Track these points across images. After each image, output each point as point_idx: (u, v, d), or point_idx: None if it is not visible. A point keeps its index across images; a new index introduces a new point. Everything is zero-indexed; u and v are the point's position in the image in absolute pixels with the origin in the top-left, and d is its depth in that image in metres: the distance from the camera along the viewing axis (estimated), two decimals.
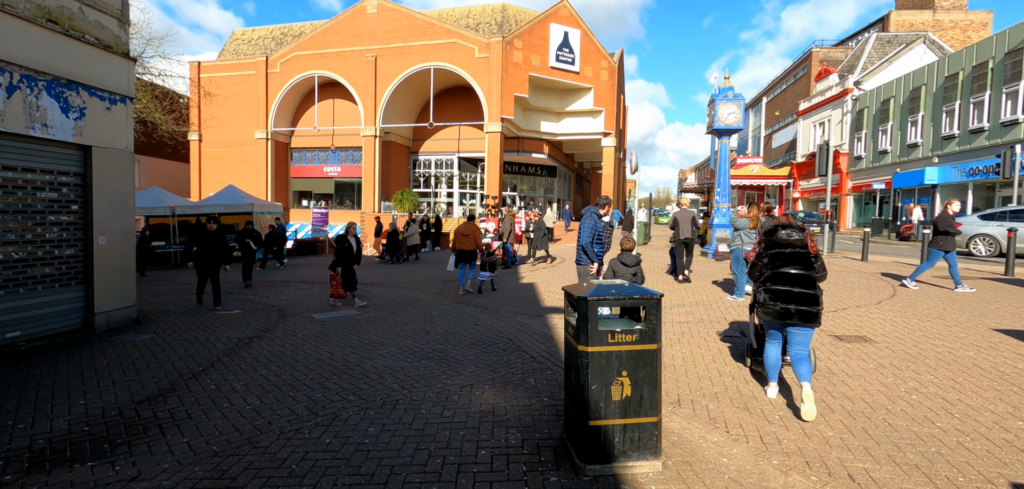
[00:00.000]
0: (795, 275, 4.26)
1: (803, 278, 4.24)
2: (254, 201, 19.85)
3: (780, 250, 4.39)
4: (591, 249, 6.26)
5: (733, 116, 14.97)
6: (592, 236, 6.20)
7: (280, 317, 8.58)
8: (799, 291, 4.21)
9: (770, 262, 4.45)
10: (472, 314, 8.40)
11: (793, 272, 4.27)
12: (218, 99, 35.89)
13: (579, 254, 6.49)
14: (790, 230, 4.45)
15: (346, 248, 9.64)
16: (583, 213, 6.48)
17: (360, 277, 13.48)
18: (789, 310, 4.19)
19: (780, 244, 4.42)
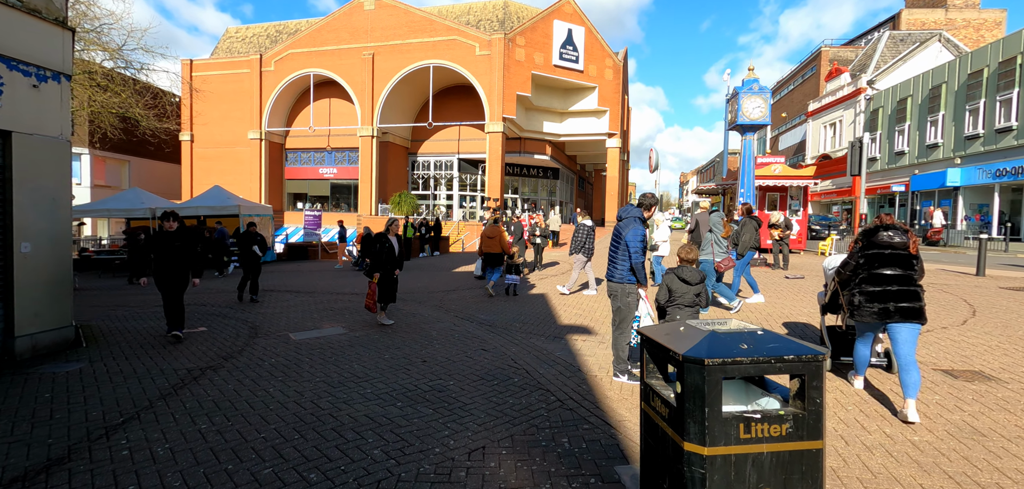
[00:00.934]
0: (891, 275, 4.11)
1: (901, 277, 4.11)
2: (241, 203, 18.44)
3: (879, 251, 4.20)
4: (642, 267, 4.81)
5: (759, 110, 13.62)
6: (643, 247, 4.79)
7: (250, 337, 7.17)
8: (897, 288, 4.07)
9: (867, 263, 4.24)
10: (478, 334, 7.00)
11: (889, 272, 4.12)
12: (211, 98, 34.51)
13: (619, 271, 4.96)
14: (892, 232, 4.19)
15: (386, 249, 7.58)
16: (621, 215, 5.06)
17: (343, 287, 12.07)
18: (888, 309, 4.05)
19: (880, 245, 4.20)
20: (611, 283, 5.04)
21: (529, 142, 32.80)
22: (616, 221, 5.15)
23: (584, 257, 10.37)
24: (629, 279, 4.86)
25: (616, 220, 5.15)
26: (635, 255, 4.76)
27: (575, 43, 30.70)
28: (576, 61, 30.75)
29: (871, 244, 4.26)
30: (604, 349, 6.15)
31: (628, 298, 4.88)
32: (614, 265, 5.00)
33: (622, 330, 4.97)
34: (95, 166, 33.44)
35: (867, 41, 39.00)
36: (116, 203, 18.21)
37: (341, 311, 8.95)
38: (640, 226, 4.86)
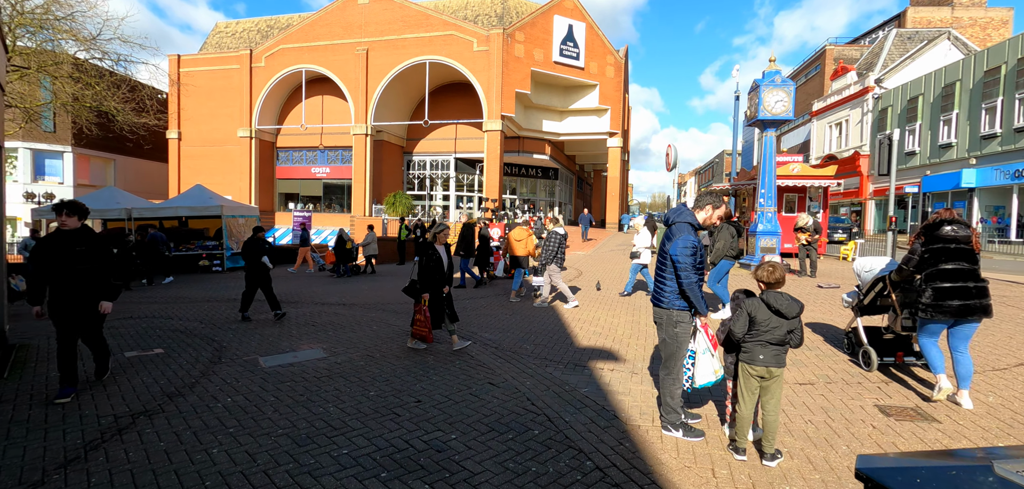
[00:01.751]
0: (968, 270, 4.11)
1: (975, 273, 4.13)
2: (224, 203, 17.16)
3: (945, 245, 4.19)
4: (696, 289, 3.59)
5: (781, 104, 12.52)
6: (697, 262, 3.62)
7: (212, 363, 5.97)
8: (974, 285, 4.09)
9: (932, 258, 4.23)
10: (482, 360, 5.83)
11: (966, 267, 4.12)
12: (199, 95, 33.20)
13: (667, 294, 3.73)
14: (956, 226, 4.20)
15: (434, 261, 6.13)
16: (670, 219, 3.88)
17: (330, 295, 10.84)
18: (970, 306, 4.05)
19: (945, 239, 4.20)
20: (657, 309, 3.83)
21: (528, 141, 31.66)
22: (664, 225, 3.99)
23: (557, 268, 9.29)
24: (679, 305, 3.70)
25: (664, 224, 3.99)
26: (685, 275, 3.59)
27: (576, 39, 29.59)
28: (577, 58, 29.64)
29: (934, 239, 4.23)
30: (640, 384, 4.99)
31: (677, 329, 3.72)
32: (661, 285, 3.81)
33: (671, 370, 3.80)
34: (78, 165, 32.05)
35: (872, 40, 38.10)
36: (90, 202, 16.83)
37: (324, 327, 7.75)
38: (691, 234, 3.70)
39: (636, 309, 8.74)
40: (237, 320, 8.45)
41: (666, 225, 3.89)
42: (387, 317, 8.53)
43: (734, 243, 7.87)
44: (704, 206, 3.86)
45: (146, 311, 9.45)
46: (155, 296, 11.48)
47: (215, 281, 14.21)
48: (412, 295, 6.32)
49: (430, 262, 6.16)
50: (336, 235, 15.69)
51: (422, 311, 6.08)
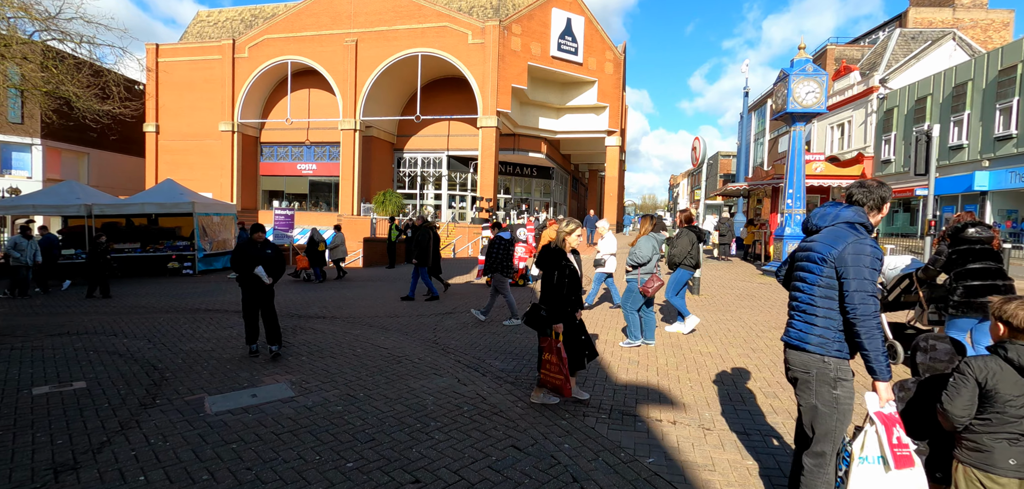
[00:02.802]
0: (995, 269, 4.27)
1: (1003, 272, 4.30)
2: (196, 199, 15.56)
3: (970, 247, 4.35)
4: (875, 337, 2.18)
5: (813, 96, 11.29)
6: (875, 295, 2.22)
7: (144, 402, 4.53)
8: (1003, 283, 4.22)
9: (959, 258, 4.38)
10: (498, 407, 4.44)
11: (993, 267, 4.28)
12: (178, 87, 31.39)
13: (821, 333, 2.38)
14: (979, 228, 4.40)
15: (567, 275, 4.36)
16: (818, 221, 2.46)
17: (309, 306, 9.35)
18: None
19: (970, 241, 4.36)
20: (801, 353, 2.43)
21: (523, 139, 30.30)
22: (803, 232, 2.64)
23: (505, 277, 7.98)
24: (841, 354, 2.35)
25: (803, 231, 2.64)
26: (864, 307, 2.23)
27: (574, 33, 28.29)
28: (575, 53, 28.34)
29: (961, 240, 4.40)
30: (722, 449, 3.64)
31: (839, 390, 2.35)
32: (808, 320, 2.42)
33: (824, 460, 2.38)
34: (48, 158, 30.07)
35: (873, 40, 37.30)
36: (46, 198, 15.22)
37: (297, 350, 6.31)
38: (866, 241, 2.30)
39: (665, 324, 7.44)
40: (193, 337, 6.95)
41: (811, 231, 2.54)
42: (373, 335, 7.09)
43: (694, 251, 6.89)
44: (872, 203, 2.48)
45: (89, 325, 7.94)
46: (107, 306, 9.91)
47: (182, 286, 12.64)
48: (536, 326, 4.42)
49: (564, 278, 4.28)
50: (307, 235, 14.02)
51: (554, 349, 4.18)
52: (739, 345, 6.29)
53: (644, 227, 6.60)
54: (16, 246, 11.35)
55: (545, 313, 4.29)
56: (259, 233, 6.20)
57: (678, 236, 6.97)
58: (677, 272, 6.91)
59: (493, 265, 8.00)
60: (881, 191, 2.46)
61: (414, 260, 10.00)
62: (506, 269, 8.01)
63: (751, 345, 6.28)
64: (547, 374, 4.27)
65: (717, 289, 10.55)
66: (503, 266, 7.98)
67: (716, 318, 7.87)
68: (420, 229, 10.26)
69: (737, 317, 7.94)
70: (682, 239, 6.89)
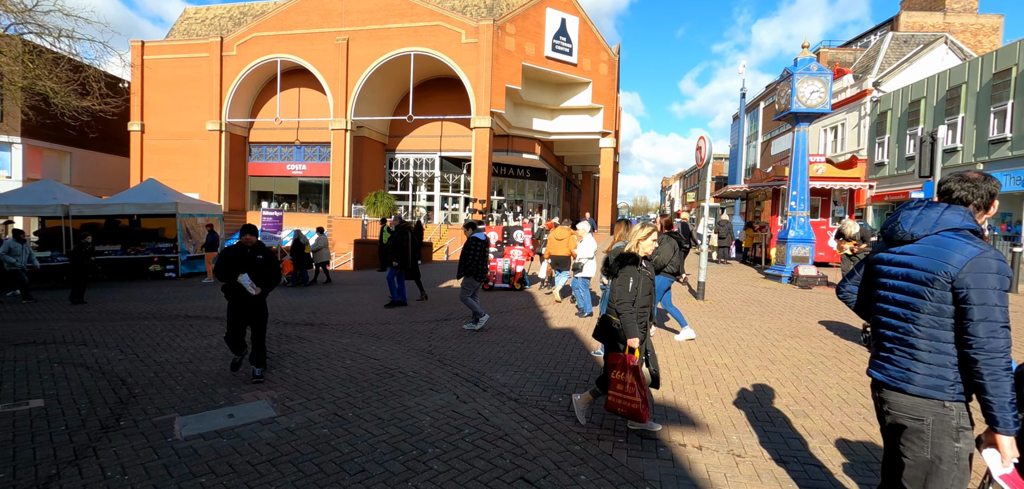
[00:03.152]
0: None
1: None
2: (179, 199, 14.95)
3: None
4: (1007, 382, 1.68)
5: (817, 95, 10.99)
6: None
7: (107, 424, 4.04)
8: None
9: None
10: (504, 428, 4.00)
11: None
12: (165, 85, 30.66)
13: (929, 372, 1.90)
14: None
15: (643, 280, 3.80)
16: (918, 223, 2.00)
17: (296, 313, 8.82)
18: None
19: None
20: (910, 397, 1.93)
21: (517, 140, 29.88)
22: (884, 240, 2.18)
23: (476, 282, 7.49)
24: (961, 396, 1.87)
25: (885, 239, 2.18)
26: (993, 347, 1.75)
27: (569, 34, 27.95)
28: (569, 54, 28.00)
29: None
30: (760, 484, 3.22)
31: (961, 442, 1.85)
32: (912, 355, 1.94)
33: None
34: (29, 157, 29.12)
35: (864, 43, 37.35)
36: (21, 198, 14.52)
37: (280, 361, 5.82)
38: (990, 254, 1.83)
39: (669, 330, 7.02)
40: (170, 346, 6.43)
41: (898, 239, 2.08)
42: (364, 345, 6.62)
43: (677, 258, 6.62)
44: (979, 201, 2.02)
45: (59, 333, 7.38)
46: (81, 312, 9.34)
47: (163, 290, 12.06)
48: (605, 340, 3.88)
49: (640, 282, 3.69)
50: (292, 238, 13.43)
51: (629, 369, 3.54)
52: (755, 356, 5.89)
53: (618, 232, 6.23)
54: (11, 251, 10.92)
55: (618, 326, 3.70)
56: (249, 235, 5.21)
57: (660, 244, 6.64)
58: (658, 280, 6.57)
59: (467, 267, 7.45)
60: (988, 185, 1.99)
61: (394, 263, 9.45)
62: (479, 273, 7.48)
63: (768, 356, 5.89)
64: (618, 397, 3.59)
65: (721, 294, 10.18)
66: (477, 269, 7.44)
67: (726, 325, 7.48)
68: (398, 230, 9.68)
69: (748, 324, 7.56)
70: (664, 246, 6.58)
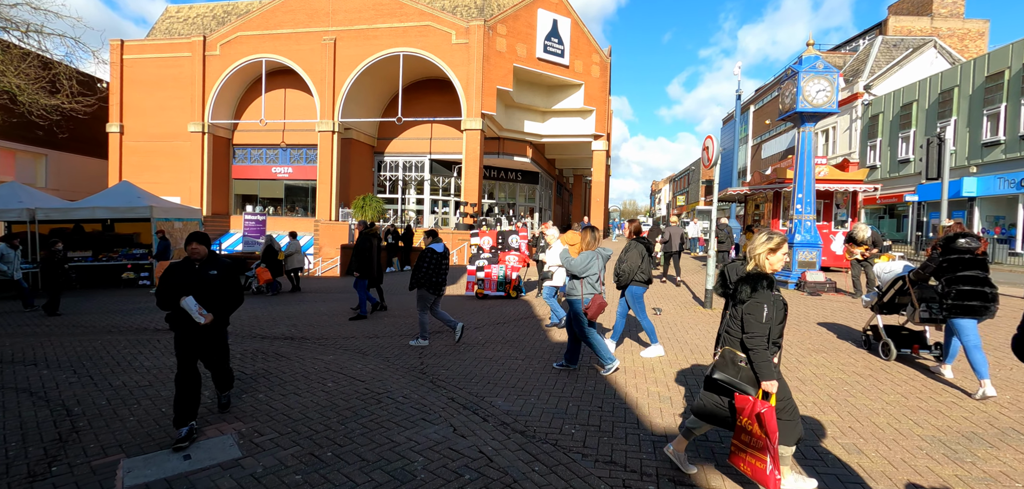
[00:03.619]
0: (984, 277, 4.72)
1: (989, 280, 4.74)
2: (155, 203, 14.13)
3: (961, 256, 4.80)
4: None
5: (824, 94, 10.55)
6: None
7: (34, 471, 3.37)
8: (990, 291, 4.69)
9: (950, 266, 4.82)
10: (505, 466, 3.38)
11: (981, 275, 4.72)
12: (145, 85, 29.64)
13: None
14: (969, 239, 4.82)
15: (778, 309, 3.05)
16: None
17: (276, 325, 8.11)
18: (988, 307, 4.67)
19: (961, 251, 4.81)
20: None
21: (508, 143, 29.30)
22: None
23: (431, 295, 6.81)
24: None
25: None
26: None
27: (561, 35, 27.46)
28: (561, 55, 27.50)
29: (951, 249, 4.86)
30: None
31: None
32: None
33: None
34: (2, 159, 27.95)
35: (853, 47, 37.41)
36: None
37: (252, 383, 5.14)
38: None
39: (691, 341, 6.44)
40: (130, 367, 5.71)
41: None
42: (348, 362, 5.96)
43: (645, 265, 6.11)
44: None
45: (7, 350, 6.61)
46: (39, 325, 8.54)
47: (134, 300, 11.25)
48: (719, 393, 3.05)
49: (775, 310, 2.97)
50: (264, 244, 12.55)
51: (762, 418, 2.74)
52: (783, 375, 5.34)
53: (585, 240, 5.68)
54: (2, 258, 10.15)
55: (748, 363, 2.93)
56: (197, 246, 4.03)
57: (626, 250, 6.15)
58: (631, 289, 6.08)
59: (420, 279, 6.68)
60: None
61: (355, 273, 8.71)
62: (434, 286, 6.75)
63: (797, 374, 5.34)
64: (747, 459, 2.82)
65: None
66: (430, 282, 6.72)
67: None
68: (362, 237, 8.85)
69: None
70: (631, 253, 6.07)
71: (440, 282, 6.81)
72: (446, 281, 7.03)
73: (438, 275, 6.78)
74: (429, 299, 6.78)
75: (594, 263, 5.53)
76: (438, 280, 6.78)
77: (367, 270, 8.71)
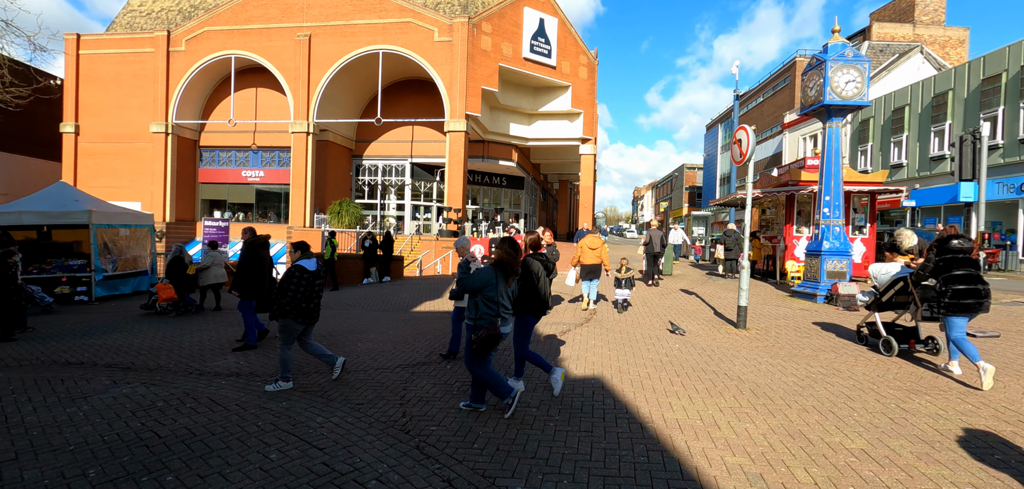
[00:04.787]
0: (976, 276, 5.01)
1: (981, 278, 5.01)
2: (96, 207, 12.25)
3: (955, 256, 5.08)
4: None
5: (854, 85, 9.39)
6: None
7: None
8: (982, 287, 4.98)
9: (945, 266, 5.10)
10: None
11: (974, 273, 5.01)
12: (104, 82, 27.39)
13: None
14: (962, 240, 5.10)
15: None
16: None
17: (199, 354, 6.45)
18: (982, 305, 4.97)
19: (955, 251, 5.09)
20: None
21: (493, 146, 27.87)
22: None
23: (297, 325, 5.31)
24: None
25: None
26: None
27: (547, 35, 26.22)
28: (548, 56, 26.25)
29: (946, 250, 5.14)
30: None
31: None
32: None
33: None
34: None
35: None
36: None
37: (166, 448, 3.54)
38: None
39: (750, 378, 5.07)
40: (5, 426, 4.04)
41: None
42: (302, 411, 4.39)
43: (543, 286, 4.78)
44: None
45: None
46: None
47: (65, 321, 9.41)
48: None
49: None
50: (171, 256, 10.36)
51: None
52: (891, 431, 3.99)
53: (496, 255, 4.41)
54: None
55: None
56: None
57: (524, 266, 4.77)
58: (526, 319, 4.75)
59: (284, 306, 5.11)
60: None
61: (235, 292, 6.99)
62: (304, 313, 5.20)
63: (909, 429, 3.98)
64: None
65: (759, 320, 8.34)
66: (298, 308, 5.16)
67: (805, 372, 5.58)
68: (248, 247, 7.15)
69: (830, 368, 5.69)
70: (531, 266, 4.75)
71: (311, 309, 5.27)
72: (320, 307, 5.45)
73: (310, 299, 5.23)
74: (296, 330, 5.21)
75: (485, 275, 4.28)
76: (309, 306, 5.24)
77: (254, 288, 6.98)
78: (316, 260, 5.39)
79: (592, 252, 9.23)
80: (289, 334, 5.22)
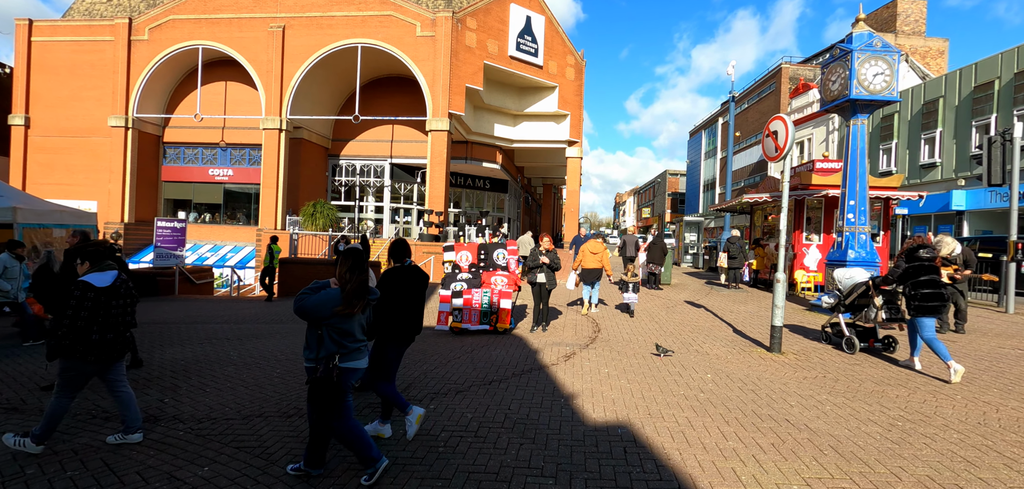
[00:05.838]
0: (939, 281, 5.57)
1: (941, 283, 5.60)
2: (21, 203, 10.56)
3: (921, 263, 5.64)
4: None
5: (882, 79, 8.44)
6: None
7: None
8: (945, 291, 5.57)
9: (912, 272, 5.64)
10: None
11: (937, 279, 5.58)
12: (58, 72, 25.27)
13: None
14: (926, 250, 5.69)
15: None
16: None
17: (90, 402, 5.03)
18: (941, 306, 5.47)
19: (922, 259, 5.66)
20: None
21: (477, 147, 26.60)
22: None
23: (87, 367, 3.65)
24: None
25: None
26: None
27: (534, 33, 25.10)
28: (535, 54, 25.12)
29: (913, 258, 5.70)
30: None
31: None
32: None
33: None
34: None
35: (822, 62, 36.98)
36: None
37: None
38: None
39: (812, 423, 3.92)
40: None
41: None
42: (249, 480, 3.04)
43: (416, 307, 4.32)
44: None
45: None
46: None
47: None
48: None
49: None
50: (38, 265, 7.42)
51: None
52: None
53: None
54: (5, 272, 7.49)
55: None
56: None
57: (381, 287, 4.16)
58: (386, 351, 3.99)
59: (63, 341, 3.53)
60: None
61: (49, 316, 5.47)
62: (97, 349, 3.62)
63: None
64: None
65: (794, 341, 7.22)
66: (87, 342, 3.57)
67: (872, 419, 4.44)
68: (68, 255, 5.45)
69: (921, 418, 4.56)
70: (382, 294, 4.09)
71: (110, 341, 3.66)
72: (124, 336, 3.80)
73: (106, 327, 3.64)
74: (85, 372, 3.66)
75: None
76: (104, 337, 3.62)
77: (49, 299, 5.69)
78: (117, 273, 3.78)
79: (594, 256, 9.28)
80: (74, 379, 3.61)
